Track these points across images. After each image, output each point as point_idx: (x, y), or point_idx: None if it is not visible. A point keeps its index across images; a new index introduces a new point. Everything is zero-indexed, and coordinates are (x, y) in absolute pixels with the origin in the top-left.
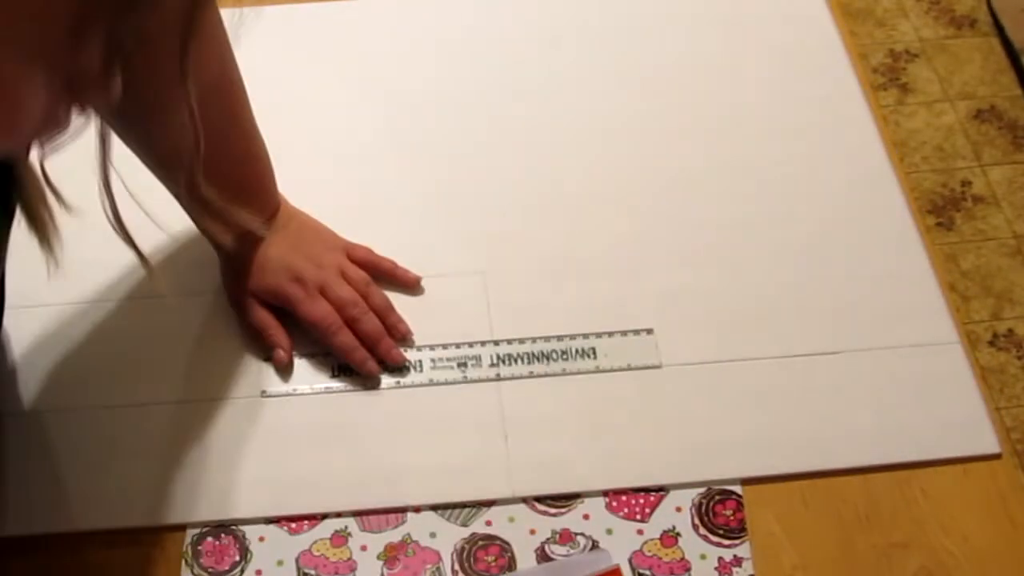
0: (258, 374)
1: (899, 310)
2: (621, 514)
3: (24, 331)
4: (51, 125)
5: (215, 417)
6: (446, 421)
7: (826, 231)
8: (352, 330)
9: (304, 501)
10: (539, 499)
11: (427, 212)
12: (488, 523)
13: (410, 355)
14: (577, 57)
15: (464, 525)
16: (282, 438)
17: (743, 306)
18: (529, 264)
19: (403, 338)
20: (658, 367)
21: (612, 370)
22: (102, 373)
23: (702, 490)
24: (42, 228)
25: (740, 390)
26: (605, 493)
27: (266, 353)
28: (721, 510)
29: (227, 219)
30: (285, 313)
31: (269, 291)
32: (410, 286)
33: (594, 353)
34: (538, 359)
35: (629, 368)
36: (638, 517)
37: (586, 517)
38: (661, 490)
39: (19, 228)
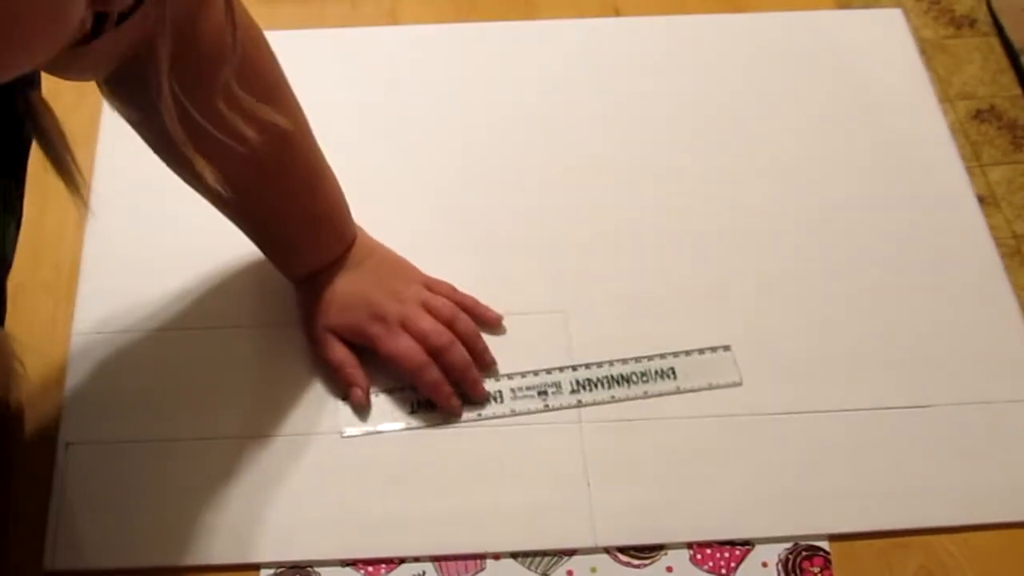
0: (336, 412)
1: (990, 363)
2: (706, 567)
3: (94, 359)
4: (80, 30)
5: (292, 454)
6: (527, 462)
7: (916, 280)
8: (438, 362)
9: (381, 544)
10: (622, 550)
11: (505, 250)
12: (569, 573)
13: (489, 385)
14: (664, 91)
15: (544, 574)
16: (359, 477)
17: (831, 354)
18: (606, 299)
19: (489, 367)
20: (739, 384)
21: (693, 390)
22: (174, 404)
23: (789, 545)
24: (63, 166)
25: (829, 442)
26: (690, 545)
27: (343, 391)
28: (808, 567)
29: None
30: (362, 349)
31: (348, 328)
32: (491, 324)
33: (673, 373)
34: (618, 383)
35: (710, 387)
36: (723, 572)
37: (670, 570)
38: (747, 544)
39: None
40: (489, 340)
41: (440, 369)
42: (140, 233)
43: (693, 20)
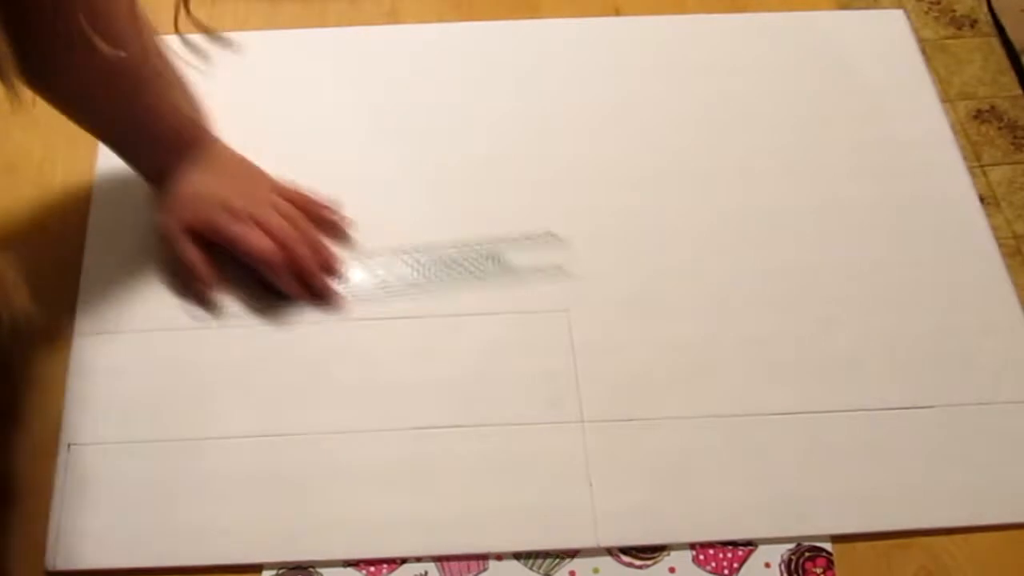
0: (338, 411)
1: (993, 364)
2: (708, 568)
3: (96, 360)
4: None
5: (294, 454)
6: (529, 462)
7: (918, 281)
8: (287, 258)
9: (384, 544)
10: (624, 550)
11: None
12: (571, 573)
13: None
14: (665, 91)
15: (547, 575)
16: (361, 477)
17: (832, 355)
18: (608, 298)
19: (334, 272)
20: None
21: None
22: (176, 405)
23: (791, 546)
24: None
25: (830, 442)
26: (692, 546)
27: (193, 288)
28: (811, 567)
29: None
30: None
31: (204, 224)
32: (339, 231)
33: None
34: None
35: None
36: (726, 572)
37: (672, 570)
38: (749, 544)
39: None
40: (492, 341)
41: (290, 264)
42: (142, 234)
43: (694, 20)
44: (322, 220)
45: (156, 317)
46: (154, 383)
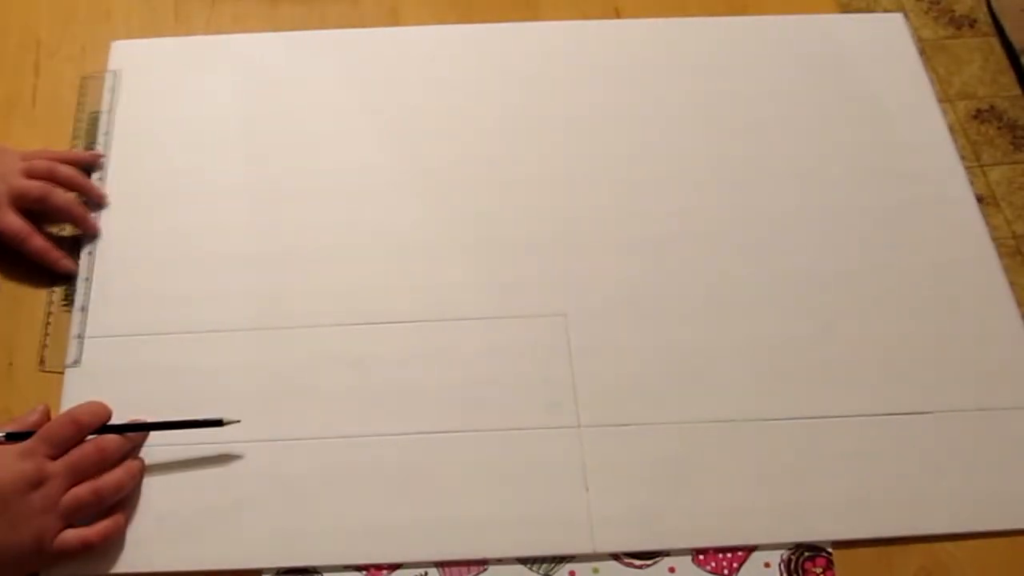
0: (337, 416)
1: (993, 369)
2: (708, 568)
3: (102, 362)
4: None
5: (294, 459)
6: (526, 468)
7: (916, 286)
8: (46, 210)
9: (384, 548)
10: (621, 553)
11: (506, 252)
12: (571, 574)
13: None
14: (665, 93)
15: None
16: (361, 482)
17: (831, 359)
18: (606, 303)
19: (101, 200)
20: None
21: None
22: (178, 408)
23: (791, 547)
24: None
25: (830, 448)
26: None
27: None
28: (811, 567)
29: None
30: None
31: None
32: (91, 162)
33: None
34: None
35: None
36: (725, 572)
37: (672, 571)
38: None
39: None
40: (489, 346)
41: (52, 212)
42: (151, 237)
43: (694, 22)
44: (78, 161)
45: (162, 321)
46: (152, 388)
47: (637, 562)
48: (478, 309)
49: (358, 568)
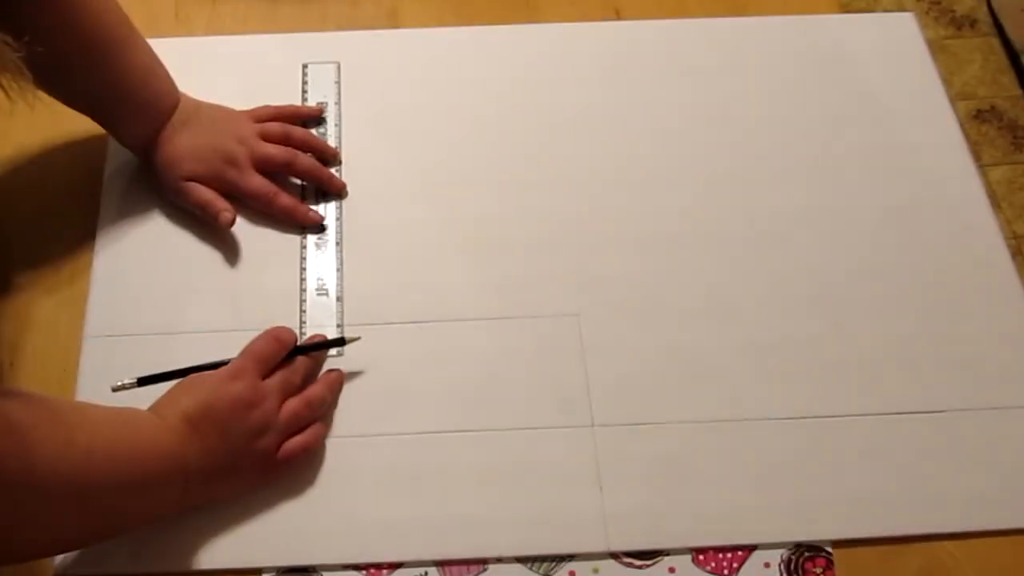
0: (341, 415)
1: (1003, 369)
2: (708, 568)
3: (104, 363)
4: None
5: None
6: (537, 467)
7: (926, 285)
8: (292, 173)
9: (384, 548)
10: (625, 553)
11: (508, 253)
12: (571, 574)
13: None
14: (677, 94)
15: None
16: (362, 481)
17: (841, 358)
18: (617, 303)
19: (335, 158)
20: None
21: None
22: None
23: (791, 546)
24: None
25: (839, 447)
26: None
27: (212, 220)
28: (811, 567)
29: None
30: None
31: (208, 174)
32: (329, 156)
33: None
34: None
35: None
36: (725, 572)
37: (672, 571)
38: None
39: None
40: (502, 346)
41: (297, 176)
42: (152, 237)
43: (695, 23)
44: (304, 116)
45: (164, 321)
46: (155, 389)
47: (637, 562)
48: (490, 309)
49: (358, 568)
